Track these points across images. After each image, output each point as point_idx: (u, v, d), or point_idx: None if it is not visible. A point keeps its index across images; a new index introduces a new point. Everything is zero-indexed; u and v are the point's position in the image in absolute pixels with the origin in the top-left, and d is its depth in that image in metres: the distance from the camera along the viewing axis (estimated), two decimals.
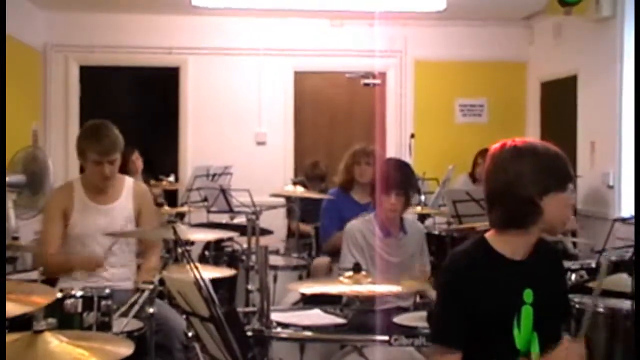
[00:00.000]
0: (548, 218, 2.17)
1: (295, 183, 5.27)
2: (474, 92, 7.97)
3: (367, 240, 3.81)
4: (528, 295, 2.19)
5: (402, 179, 3.81)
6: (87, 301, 2.86)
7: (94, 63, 7.65)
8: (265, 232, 5.59)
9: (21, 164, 5.79)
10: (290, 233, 6.33)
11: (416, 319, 3.09)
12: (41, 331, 2.07)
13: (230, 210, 5.90)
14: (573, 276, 3.64)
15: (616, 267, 3.58)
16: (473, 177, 6.89)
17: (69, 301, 2.82)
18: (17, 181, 5.62)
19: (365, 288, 3.01)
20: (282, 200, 6.18)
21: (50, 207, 3.82)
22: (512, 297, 2.19)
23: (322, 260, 4.81)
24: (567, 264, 3.95)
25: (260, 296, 2.90)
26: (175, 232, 2.94)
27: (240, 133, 7.74)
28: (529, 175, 2.15)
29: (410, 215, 4.14)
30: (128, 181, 3.95)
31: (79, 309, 2.84)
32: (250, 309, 3.98)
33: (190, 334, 3.22)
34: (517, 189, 2.16)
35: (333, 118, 7.95)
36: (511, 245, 2.21)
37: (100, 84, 7.71)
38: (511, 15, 7.62)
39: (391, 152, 7.67)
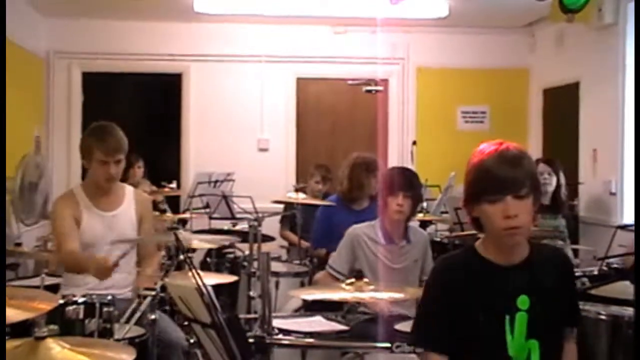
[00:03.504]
0: (486, 228, 2.18)
1: (297, 190, 5.27)
2: (476, 99, 7.97)
3: (368, 245, 3.81)
4: (523, 301, 2.16)
5: (409, 181, 3.83)
6: (89, 308, 2.87)
7: (97, 69, 7.67)
8: (267, 238, 5.59)
9: (20, 170, 5.83)
10: (290, 243, 6.33)
11: None
12: (43, 337, 2.07)
13: (232, 217, 5.90)
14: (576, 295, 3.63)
15: (618, 274, 3.59)
16: None
17: (70, 308, 2.83)
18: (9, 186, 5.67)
19: (367, 295, 3.01)
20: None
21: (61, 212, 3.74)
22: (502, 303, 2.16)
23: (323, 274, 4.83)
24: None
25: (262, 303, 2.90)
26: (177, 239, 2.94)
27: (243, 139, 7.75)
28: (465, 185, 2.22)
29: (412, 222, 4.13)
30: (129, 189, 3.95)
31: (81, 316, 2.85)
32: (252, 315, 3.97)
33: (191, 341, 3.22)
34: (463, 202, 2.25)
35: (335, 125, 7.95)
36: (494, 251, 2.20)
37: (102, 90, 7.73)
38: (513, 22, 7.63)
39: (393, 159, 7.68)
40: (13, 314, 2.13)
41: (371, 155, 5.20)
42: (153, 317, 3.05)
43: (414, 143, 7.64)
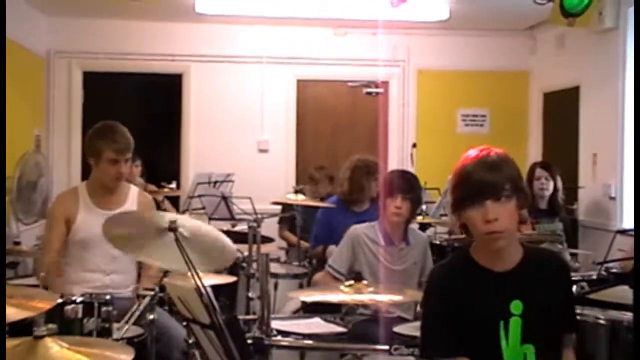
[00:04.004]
0: (473, 232, 2.20)
1: (297, 191, 5.28)
2: (476, 103, 7.97)
3: (369, 246, 3.82)
4: (517, 306, 2.17)
5: (408, 184, 3.83)
6: (88, 307, 2.87)
7: (98, 69, 7.66)
8: (267, 240, 5.59)
9: (19, 169, 5.83)
10: (290, 244, 6.34)
11: (417, 328, 3.07)
12: (42, 337, 2.07)
13: (232, 218, 5.90)
14: (574, 288, 3.63)
15: (617, 279, 3.59)
16: None
17: (69, 307, 2.83)
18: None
19: (367, 297, 3.01)
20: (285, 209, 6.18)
21: (54, 213, 3.83)
22: (496, 308, 2.17)
23: (322, 274, 4.84)
24: None
25: (261, 304, 2.90)
26: (177, 240, 2.94)
27: (243, 141, 7.74)
28: (451, 192, 2.26)
29: (412, 225, 4.14)
30: (133, 189, 3.97)
31: (80, 315, 2.85)
32: (251, 317, 3.97)
33: (190, 341, 3.21)
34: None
35: (335, 127, 7.96)
36: (488, 256, 2.21)
37: (103, 90, 7.73)
38: (514, 25, 7.63)
39: (393, 162, 7.67)
40: (12, 313, 2.13)
41: (372, 158, 5.21)
42: (152, 317, 3.05)
43: (414, 146, 7.65)
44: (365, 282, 3.08)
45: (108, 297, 2.96)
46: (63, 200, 3.85)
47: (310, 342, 3.06)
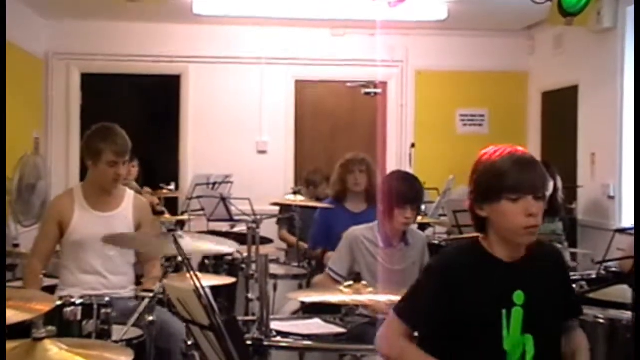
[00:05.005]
0: (496, 227, 2.22)
1: (295, 192, 5.28)
2: (474, 102, 7.98)
3: (367, 247, 3.82)
4: (519, 297, 2.21)
5: (417, 193, 3.83)
6: (87, 309, 2.87)
7: (96, 71, 7.67)
8: (266, 240, 5.58)
9: (18, 171, 5.83)
10: (288, 244, 6.34)
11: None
12: (41, 339, 2.07)
13: (231, 219, 5.89)
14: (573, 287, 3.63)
15: (616, 277, 3.59)
16: None
17: (68, 309, 2.83)
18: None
19: (366, 298, 3.01)
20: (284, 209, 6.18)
21: (48, 216, 3.86)
22: (499, 297, 2.21)
23: (322, 277, 4.84)
24: None
25: (260, 305, 2.90)
26: (175, 242, 2.94)
27: (241, 141, 7.75)
28: (470, 189, 2.29)
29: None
30: (129, 192, 3.97)
31: (79, 317, 2.85)
32: (250, 317, 3.96)
33: (190, 342, 3.21)
34: (469, 201, 2.30)
35: (334, 127, 7.95)
36: (498, 248, 2.25)
37: (101, 91, 7.73)
38: (512, 25, 7.64)
39: (392, 162, 7.68)
40: (11, 315, 2.13)
41: (356, 153, 5.21)
42: (151, 318, 3.05)
43: (413, 146, 7.64)
44: (364, 283, 3.07)
45: (107, 299, 2.96)
46: (58, 203, 3.87)
47: (309, 342, 3.06)
